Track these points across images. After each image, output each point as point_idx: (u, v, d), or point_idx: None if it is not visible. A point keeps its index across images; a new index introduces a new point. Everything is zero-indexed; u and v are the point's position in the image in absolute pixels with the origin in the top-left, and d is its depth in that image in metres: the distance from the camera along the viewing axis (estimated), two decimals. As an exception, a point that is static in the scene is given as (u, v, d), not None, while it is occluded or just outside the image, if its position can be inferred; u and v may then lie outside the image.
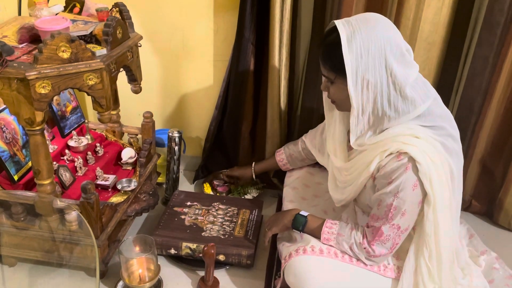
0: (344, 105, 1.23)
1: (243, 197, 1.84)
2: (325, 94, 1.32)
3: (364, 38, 1.11)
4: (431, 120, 1.16)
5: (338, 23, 1.14)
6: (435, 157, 1.13)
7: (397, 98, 1.13)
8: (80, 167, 1.59)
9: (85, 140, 1.67)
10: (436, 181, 1.13)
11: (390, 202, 1.16)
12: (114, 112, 1.72)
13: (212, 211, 1.67)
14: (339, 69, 1.15)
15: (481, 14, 1.49)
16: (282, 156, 1.70)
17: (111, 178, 1.58)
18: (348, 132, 1.25)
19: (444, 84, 1.62)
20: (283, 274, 1.29)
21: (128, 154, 1.69)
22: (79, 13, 1.46)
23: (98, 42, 1.30)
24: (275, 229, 1.39)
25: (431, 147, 1.13)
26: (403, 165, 1.13)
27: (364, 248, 1.22)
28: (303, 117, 1.81)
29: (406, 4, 1.49)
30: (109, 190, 1.57)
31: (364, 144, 1.21)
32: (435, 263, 1.21)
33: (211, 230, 1.57)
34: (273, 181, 1.91)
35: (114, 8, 1.43)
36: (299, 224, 1.33)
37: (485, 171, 1.76)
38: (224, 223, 1.61)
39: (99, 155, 1.70)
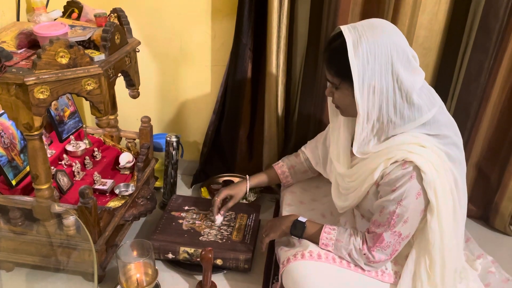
0: (348, 110, 1.22)
1: (240, 202, 1.84)
2: (329, 99, 1.32)
3: (370, 44, 1.10)
4: (436, 128, 1.16)
5: (344, 29, 1.14)
6: (440, 167, 1.13)
7: (403, 104, 1.12)
8: (78, 172, 1.59)
9: (83, 145, 1.68)
10: (440, 190, 1.13)
11: (393, 209, 1.16)
12: (112, 117, 1.72)
13: (210, 216, 1.67)
14: (344, 74, 1.14)
15: (476, 19, 1.51)
16: (283, 169, 1.61)
17: (109, 182, 1.59)
18: (353, 138, 1.24)
19: (440, 89, 1.61)
20: (281, 279, 1.29)
21: (126, 158, 1.70)
22: (78, 18, 1.47)
23: (96, 48, 1.30)
24: (273, 235, 1.39)
25: (435, 157, 1.13)
26: (407, 174, 1.13)
27: (364, 254, 1.22)
28: (300, 121, 1.82)
29: (401, 10, 1.51)
30: (107, 194, 1.57)
31: (368, 152, 1.21)
32: (438, 270, 1.21)
33: (209, 234, 1.58)
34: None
35: (112, 14, 1.44)
36: (297, 230, 1.33)
37: (481, 175, 1.78)
38: (221, 227, 1.61)
39: (97, 159, 1.70)
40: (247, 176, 1.64)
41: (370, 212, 1.28)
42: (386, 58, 1.10)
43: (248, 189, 1.61)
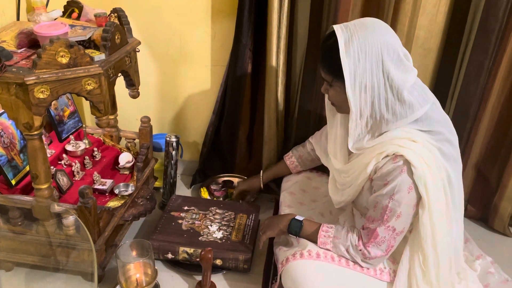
0: (343, 107, 1.25)
1: (240, 202, 1.84)
2: (326, 98, 1.34)
3: (361, 43, 1.12)
4: (428, 124, 1.18)
5: (337, 28, 1.16)
6: (431, 162, 1.14)
7: (394, 102, 1.15)
8: (78, 172, 1.59)
9: (82, 145, 1.67)
10: (431, 185, 1.14)
11: (385, 204, 1.17)
12: (112, 117, 1.72)
13: (209, 216, 1.67)
14: (336, 72, 1.17)
15: (476, 20, 1.51)
16: (292, 159, 1.69)
17: (109, 182, 1.59)
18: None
19: (439, 90, 1.63)
20: (280, 279, 1.30)
21: (125, 158, 1.70)
22: (78, 18, 1.47)
23: (96, 47, 1.30)
24: (270, 233, 1.40)
25: (427, 152, 1.15)
26: (398, 168, 1.15)
27: (360, 250, 1.23)
28: (300, 122, 1.82)
29: (401, 11, 1.51)
30: (107, 194, 1.57)
31: (363, 147, 1.23)
32: (432, 267, 1.22)
33: (208, 234, 1.58)
34: (270, 185, 1.91)
35: (112, 14, 1.44)
36: (294, 229, 1.33)
37: (480, 176, 1.78)
38: (221, 227, 1.62)
39: (97, 159, 1.70)
40: (261, 172, 1.77)
41: (367, 209, 1.29)
42: (376, 57, 1.12)
43: (262, 185, 1.78)
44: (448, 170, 1.19)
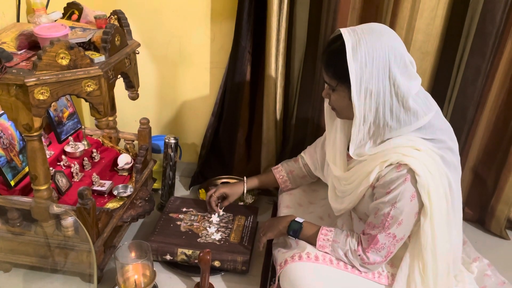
0: (344, 112, 1.24)
1: (238, 204, 1.84)
2: (326, 102, 1.33)
3: (369, 47, 1.11)
4: (431, 133, 1.17)
5: (344, 31, 1.15)
6: (434, 170, 1.14)
7: (399, 108, 1.14)
8: (77, 173, 1.59)
9: (81, 146, 1.68)
10: (434, 193, 1.14)
11: (387, 211, 1.17)
12: (111, 118, 1.72)
13: (208, 217, 1.68)
14: (341, 76, 1.15)
15: (473, 24, 1.52)
16: (282, 173, 1.62)
17: (107, 184, 1.59)
18: (349, 141, 1.26)
19: (437, 93, 1.64)
20: (278, 281, 1.30)
21: (124, 160, 1.70)
22: (78, 20, 1.47)
23: (96, 49, 1.31)
24: (270, 235, 1.40)
25: (430, 160, 1.14)
26: (402, 176, 1.14)
27: (359, 255, 1.23)
28: (298, 124, 1.82)
29: (400, 14, 1.52)
30: (105, 195, 1.57)
31: (364, 154, 1.22)
32: (431, 273, 1.22)
33: (207, 236, 1.58)
34: (269, 187, 1.92)
35: (112, 16, 1.44)
36: (294, 230, 1.34)
37: (477, 179, 1.79)
38: (219, 229, 1.62)
39: (96, 161, 1.70)
40: (245, 178, 1.65)
41: (367, 215, 1.29)
42: (384, 62, 1.11)
43: (245, 191, 1.64)
44: (450, 178, 1.19)
